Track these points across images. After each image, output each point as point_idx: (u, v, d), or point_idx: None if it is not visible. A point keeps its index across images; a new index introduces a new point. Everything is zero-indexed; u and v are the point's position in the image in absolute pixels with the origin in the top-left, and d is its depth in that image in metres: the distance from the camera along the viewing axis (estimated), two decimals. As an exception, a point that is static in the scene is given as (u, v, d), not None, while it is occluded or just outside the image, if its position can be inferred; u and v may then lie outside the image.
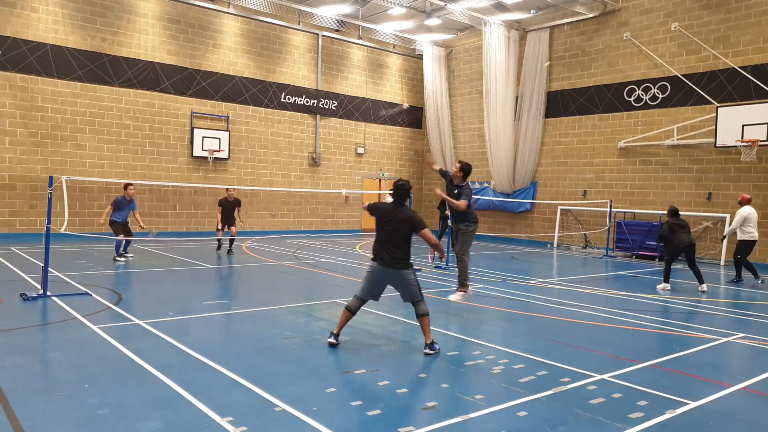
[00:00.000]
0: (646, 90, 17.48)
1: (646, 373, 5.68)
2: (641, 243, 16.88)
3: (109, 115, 17.26)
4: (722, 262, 15.51)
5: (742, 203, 12.15)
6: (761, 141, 14.29)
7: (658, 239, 11.70)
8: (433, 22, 20.60)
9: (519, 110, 20.59)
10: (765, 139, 14.22)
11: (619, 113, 18.20)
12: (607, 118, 18.54)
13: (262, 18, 19.92)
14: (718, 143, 15.19)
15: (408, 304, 6.36)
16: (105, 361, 5.51)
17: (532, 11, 19.69)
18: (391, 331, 7.07)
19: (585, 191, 19.08)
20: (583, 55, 19.14)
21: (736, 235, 12.16)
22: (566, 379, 5.32)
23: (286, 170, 20.96)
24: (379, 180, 23.74)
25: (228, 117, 19.45)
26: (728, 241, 15.40)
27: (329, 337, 6.25)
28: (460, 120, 23.21)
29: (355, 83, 22.61)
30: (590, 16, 18.73)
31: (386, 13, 20.43)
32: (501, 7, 19.45)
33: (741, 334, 7.48)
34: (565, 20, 19.37)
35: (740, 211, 12.02)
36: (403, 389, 4.98)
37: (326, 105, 21.78)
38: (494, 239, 21.27)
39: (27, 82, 15.94)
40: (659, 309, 9.20)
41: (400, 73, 24.06)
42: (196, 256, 13.84)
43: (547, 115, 20.18)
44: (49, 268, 8.75)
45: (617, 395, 4.95)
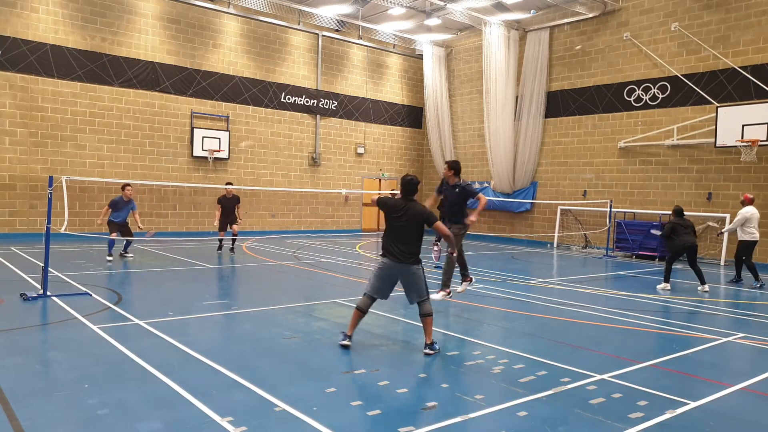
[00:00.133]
0: (646, 90, 17.48)
1: (646, 373, 5.68)
2: (641, 243, 16.88)
3: (109, 115, 17.26)
4: (722, 262, 15.51)
5: (745, 203, 11.98)
6: (761, 141, 14.28)
7: (661, 235, 11.66)
8: (433, 22, 20.60)
9: (519, 110, 20.59)
10: (765, 139, 14.22)
11: (619, 113, 18.20)
12: (607, 118, 18.54)
13: (262, 18, 19.92)
14: (718, 143, 15.19)
15: (402, 303, 6.35)
16: (105, 361, 5.51)
17: (532, 11, 19.69)
18: (391, 331, 7.07)
19: (585, 191, 19.08)
20: (583, 55, 19.14)
21: (737, 234, 12.07)
22: (566, 379, 5.32)
23: (286, 170, 20.96)
24: (379, 180, 23.75)
25: (228, 117, 19.45)
26: (728, 241, 15.44)
27: (342, 339, 6.14)
28: (460, 120, 23.21)
29: (355, 83, 22.61)
30: (590, 16, 18.73)
31: (386, 13, 20.43)
32: (501, 7, 19.45)
33: (741, 334, 7.48)
34: (565, 20, 19.37)
35: (742, 211, 11.85)
36: (403, 389, 4.98)
37: (326, 105, 21.78)
38: (494, 239, 21.27)
39: (27, 82, 15.94)
40: (659, 309, 9.19)
41: (400, 73, 24.06)
42: (196, 256, 13.84)
43: (547, 115, 20.17)
44: (49, 268, 8.75)
45: (617, 395, 4.95)
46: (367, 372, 5.42)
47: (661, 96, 17.13)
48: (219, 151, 18.94)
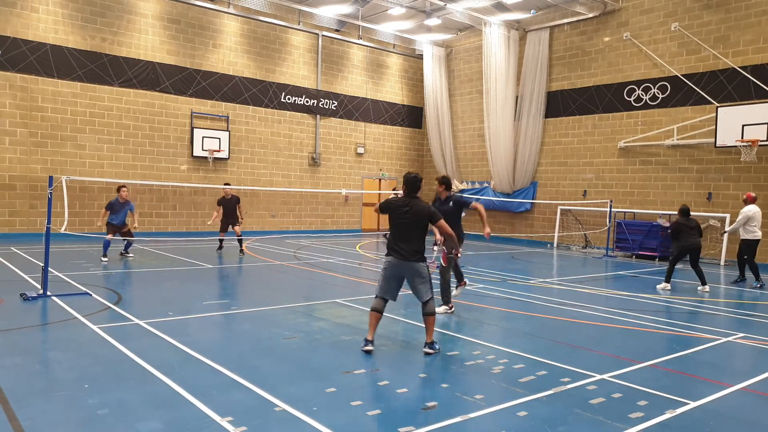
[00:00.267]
0: (646, 90, 17.48)
1: (646, 373, 5.68)
2: (641, 243, 16.88)
3: (109, 115, 17.26)
4: (722, 262, 15.51)
5: (747, 201, 11.84)
6: (761, 141, 14.28)
7: (667, 229, 11.57)
8: (433, 22, 20.60)
9: (519, 110, 20.59)
10: (765, 139, 14.21)
11: (619, 113, 18.20)
12: (607, 118, 18.54)
13: (262, 18, 19.92)
14: (718, 143, 15.19)
15: (402, 304, 6.33)
16: (105, 361, 5.51)
17: (532, 11, 19.69)
18: (391, 331, 7.07)
19: (585, 191, 19.08)
20: (583, 55, 19.14)
21: (738, 234, 12.01)
22: (566, 379, 5.32)
23: (286, 170, 20.96)
24: (379, 180, 23.75)
25: (228, 117, 19.45)
26: (729, 241, 15.43)
27: (364, 345, 6.01)
28: (460, 120, 23.20)
29: (355, 83, 22.61)
30: (590, 16, 18.73)
31: (386, 13, 20.43)
32: (501, 7, 19.45)
33: (741, 334, 7.48)
34: (565, 20, 19.37)
35: (745, 210, 11.70)
36: (403, 389, 4.98)
37: (326, 105, 21.78)
38: (494, 239, 21.27)
39: (27, 82, 15.94)
40: (659, 309, 9.19)
41: (400, 73, 24.06)
42: (196, 256, 13.84)
43: (547, 115, 20.17)
44: (49, 268, 8.75)
45: (617, 395, 4.95)
46: (367, 372, 5.42)
47: (661, 96, 17.13)
48: (219, 151, 18.94)
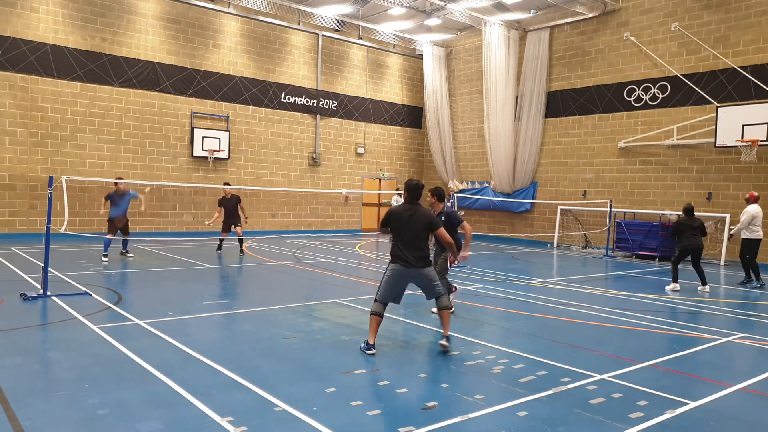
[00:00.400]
0: (646, 90, 17.48)
1: (646, 373, 5.68)
2: (641, 243, 16.88)
3: (109, 115, 17.26)
4: (722, 262, 15.51)
5: (750, 201, 11.78)
6: (761, 141, 14.28)
7: (671, 231, 11.56)
8: (433, 22, 20.60)
9: (519, 110, 20.59)
10: (765, 139, 14.22)
11: (619, 113, 18.20)
12: (607, 118, 18.54)
13: (262, 18, 19.92)
14: (718, 143, 15.19)
15: (402, 304, 6.34)
16: (105, 361, 5.51)
17: (532, 11, 19.69)
18: (391, 331, 7.06)
19: (585, 191, 19.08)
20: (583, 55, 19.14)
21: (739, 234, 11.96)
22: (566, 379, 5.32)
23: (286, 170, 20.96)
24: (379, 180, 23.75)
25: (228, 117, 19.45)
26: (729, 241, 15.43)
27: (368, 349, 5.98)
28: (460, 120, 23.20)
29: (355, 83, 22.60)
30: (590, 16, 18.73)
31: (386, 13, 20.43)
32: (501, 7, 19.45)
33: (741, 334, 7.48)
34: (565, 20, 19.37)
35: (749, 210, 11.63)
36: (403, 389, 4.98)
37: (326, 105, 21.78)
38: (494, 239, 21.27)
39: (27, 82, 15.94)
40: (659, 309, 9.19)
41: (400, 73, 24.06)
42: (196, 256, 13.84)
43: (547, 115, 20.17)
44: (49, 268, 8.75)
45: (617, 395, 4.95)
46: (367, 372, 5.42)
47: (661, 96, 17.13)
48: (219, 151, 18.94)
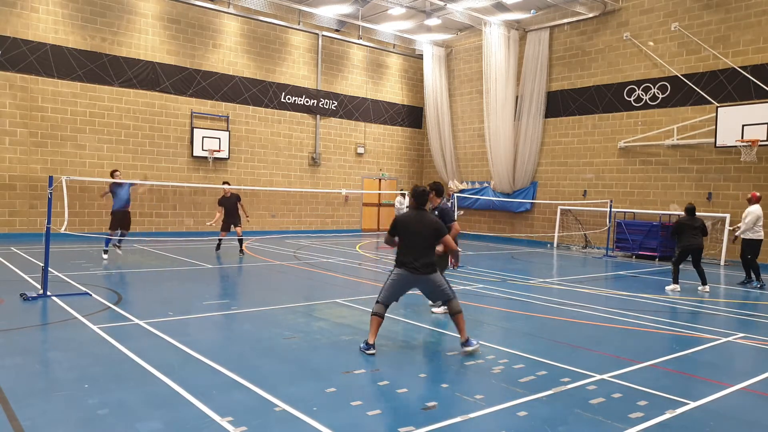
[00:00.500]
0: (646, 90, 17.48)
1: (646, 373, 5.68)
2: (641, 243, 16.87)
3: (109, 115, 17.26)
4: (722, 262, 15.51)
5: (752, 201, 11.69)
6: (761, 141, 14.28)
7: (671, 231, 11.53)
8: (433, 22, 20.60)
9: (519, 110, 20.59)
10: (765, 139, 14.22)
11: (619, 113, 18.20)
12: (607, 118, 18.54)
13: (262, 18, 19.92)
14: (718, 143, 15.19)
15: (402, 304, 6.32)
16: (105, 361, 5.51)
17: (532, 11, 19.69)
18: (391, 331, 7.06)
19: (585, 191, 19.08)
20: (583, 55, 19.14)
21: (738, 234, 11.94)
22: (566, 379, 5.32)
23: (286, 170, 20.96)
24: (379, 180, 23.75)
25: (228, 117, 19.45)
26: (728, 241, 15.43)
27: (368, 349, 5.98)
28: (460, 120, 23.20)
29: (355, 83, 22.60)
30: (590, 16, 18.73)
31: (386, 13, 20.42)
32: (501, 7, 19.45)
33: (741, 334, 7.48)
34: (565, 20, 19.37)
35: (753, 210, 11.54)
36: (403, 389, 4.98)
37: (326, 105, 21.78)
38: (494, 239, 21.27)
39: (27, 82, 15.94)
40: (659, 309, 9.19)
41: (400, 73, 24.06)
42: (196, 256, 13.84)
43: (547, 115, 20.17)
44: (49, 268, 8.75)
45: (617, 395, 4.95)
46: (367, 372, 5.42)
47: (661, 96, 17.13)
48: (219, 151, 18.94)
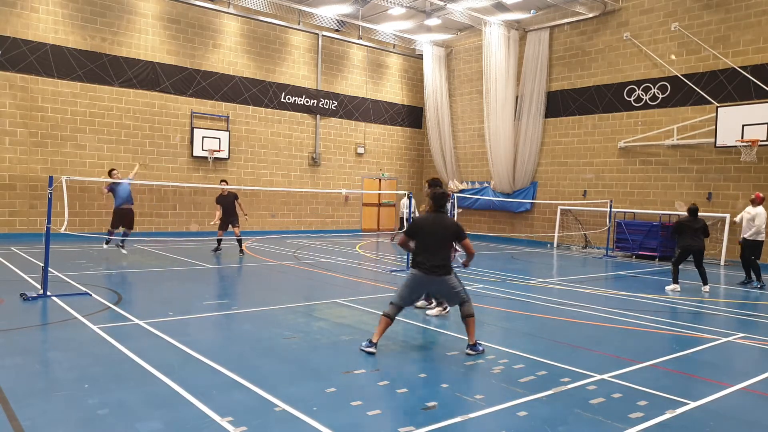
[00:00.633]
0: (646, 90, 17.48)
1: (646, 373, 5.68)
2: (641, 243, 16.87)
3: (109, 115, 17.26)
4: (722, 262, 15.50)
5: (756, 202, 11.63)
6: (761, 141, 14.28)
7: (671, 231, 11.51)
8: (433, 22, 20.60)
9: (519, 110, 20.59)
10: (765, 139, 14.22)
11: (619, 113, 18.20)
12: (607, 118, 18.54)
13: (262, 18, 19.92)
14: (718, 143, 15.19)
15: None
16: (105, 361, 5.51)
17: (532, 11, 19.69)
18: (391, 331, 7.05)
19: (585, 191, 19.08)
20: (583, 55, 19.14)
21: (742, 233, 11.88)
22: (566, 379, 5.32)
23: (286, 170, 20.96)
24: (379, 180, 23.74)
25: (228, 117, 19.45)
26: (728, 241, 15.44)
27: (368, 346, 5.99)
28: (460, 120, 23.20)
29: (355, 83, 22.60)
30: (590, 16, 18.73)
31: (386, 13, 20.42)
32: (501, 7, 19.45)
33: (741, 334, 7.48)
34: (565, 20, 19.37)
35: (762, 212, 11.48)
36: (403, 389, 4.98)
37: (326, 105, 21.78)
38: (494, 239, 21.27)
39: (27, 82, 15.94)
40: (659, 309, 9.19)
41: (400, 73, 24.06)
42: (196, 256, 13.84)
43: (547, 115, 20.17)
44: (49, 268, 8.75)
45: (617, 395, 4.95)
46: (367, 372, 5.42)
47: (661, 96, 17.13)
48: (219, 151, 18.94)
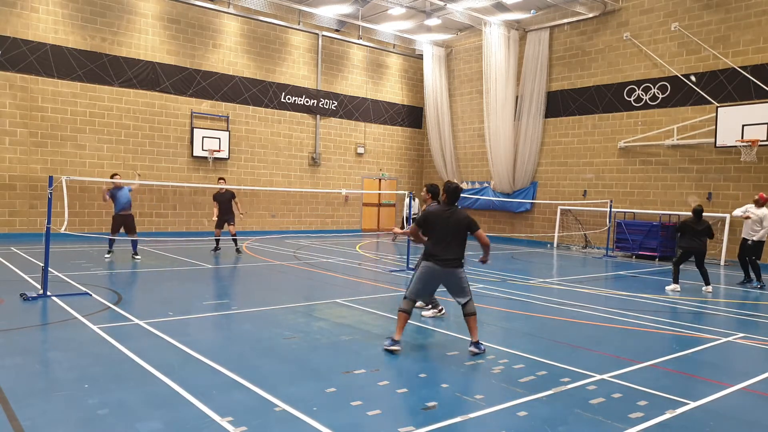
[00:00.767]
0: (646, 90, 17.48)
1: (646, 373, 5.68)
2: (641, 243, 16.87)
3: (109, 115, 17.26)
4: (722, 262, 15.50)
5: (760, 202, 11.56)
6: (761, 141, 14.28)
7: (673, 230, 11.50)
8: (433, 22, 20.60)
9: (519, 110, 20.59)
10: (765, 139, 14.22)
11: (619, 113, 18.20)
12: (607, 118, 18.54)
13: (262, 18, 19.92)
14: (718, 143, 15.19)
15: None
16: (105, 361, 5.51)
17: (532, 11, 19.69)
18: (391, 331, 7.04)
19: (585, 191, 19.08)
20: (583, 55, 19.14)
21: (736, 233, 11.93)
22: (566, 379, 5.32)
23: (286, 170, 20.96)
24: (379, 180, 23.74)
25: (228, 117, 19.45)
26: (728, 241, 15.44)
27: (392, 345, 6.05)
28: (460, 120, 23.20)
29: (355, 83, 22.60)
30: (590, 16, 18.72)
31: (386, 13, 20.42)
32: (501, 7, 19.45)
33: (741, 334, 7.48)
34: (565, 20, 19.37)
35: (766, 212, 11.42)
36: (403, 389, 4.98)
37: (326, 105, 21.78)
38: (494, 239, 21.26)
39: (27, 82, 15.93)
40: (659, 309, 9.19)
41: (400, 73, 24.06)
42: (196, 256, 13.84)
43: (547, 115, 20.17)
44: (49, 268, 8.75)
45: (617, 395, 4.95)
46: (367, 372, 5.42)
47: (661, 96, 17.13)
48: (219, 151, 18.94)
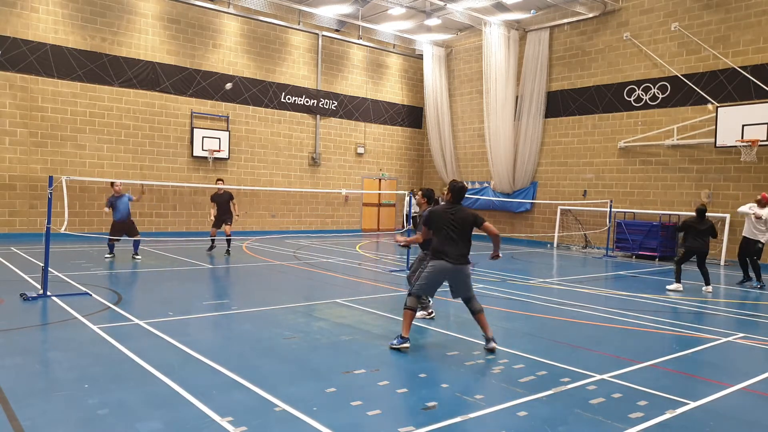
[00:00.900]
0: (646, 90, 17.48)
1: (646, 373, 5.68)
2: (641, 243, 16.87)
3: (109, 115, 17.26)
4: (722, 262, 15.50)
5: (762, 203, 11.49)
6: (761, 141, 14.28)
7: (676, 229, 11.46)
8: (433, 22, 20.60)
9: (519, 110, 20.59)
10: (765, 139, 14.21)
11: (619, 113, 18.19)
12: (607, 118, 18.54)
13: (262, 18, 19.92)
14: (718, 143, 15.19)
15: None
16: (105, 361, 5.51)
17: (532, 11, 19.69)
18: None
19: (585, 191, 19.08)
20: (583, 55, 19.14)
21: (735, 233, 11.93)
22: (566, 379, 5.32)
23: (286, 170, 20.96)
24: (379, 180, 23.74)
25: (228, 117, 19.45)
26: (728, 241, 15.43)
27: (401, 343, 6.13)
28: (460, 120, 23.20)
29: (355, 83, 22.60)
30: (590, 16, 18.72)
31: (386, 13, 20.42)
32: (501, 7, 19.45)
33: (741, 334, 7.48)
34: (565, 20, 19.37)
35: None
36: (403, 389, 4.98)
37: (326, 105, 21.78)
38: (494, 239, 21.24)
39: (27, 82, 15.93)
40: (659, 309, 9.19)
41: (400, 73, 24.06)
42: (196, 256, 13.84)
43: (547, 115, 20.17)
44: (49, 268, 8.75)
45: (617, 395, 4.95)
46: (367, 372, 5.42)
47: (661, 96, 17.13)
48: (219, 151, 18.94)
